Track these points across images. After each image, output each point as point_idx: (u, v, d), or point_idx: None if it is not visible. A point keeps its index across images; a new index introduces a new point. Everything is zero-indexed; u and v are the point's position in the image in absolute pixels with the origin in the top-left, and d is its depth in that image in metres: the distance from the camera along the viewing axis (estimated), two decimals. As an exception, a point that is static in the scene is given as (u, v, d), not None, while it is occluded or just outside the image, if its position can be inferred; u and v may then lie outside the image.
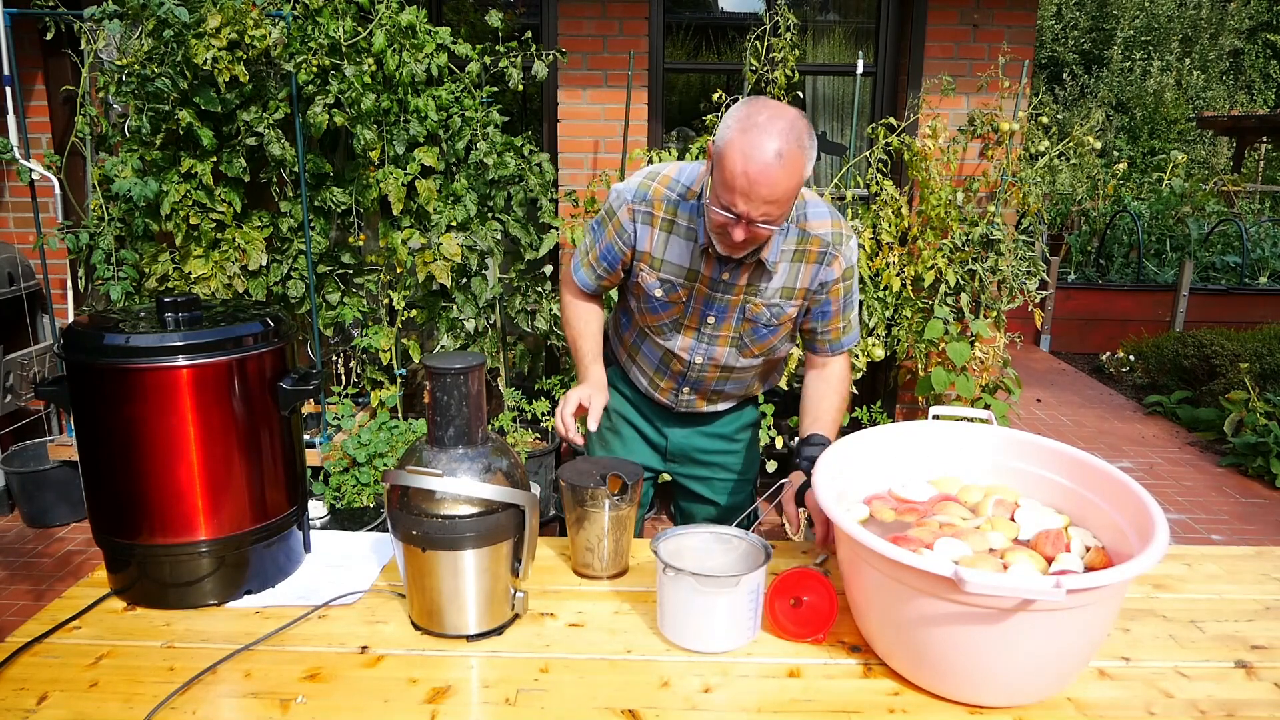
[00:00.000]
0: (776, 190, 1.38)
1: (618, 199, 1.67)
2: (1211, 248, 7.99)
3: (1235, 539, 3.71)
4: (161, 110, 3.03)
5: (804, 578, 1.28)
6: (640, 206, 1.64)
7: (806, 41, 4.29)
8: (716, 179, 1.43)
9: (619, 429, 1.93)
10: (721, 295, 1.66)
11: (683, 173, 1.64)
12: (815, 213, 1.64)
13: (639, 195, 1.65)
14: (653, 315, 1.73)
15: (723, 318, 1.69)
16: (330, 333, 3.66)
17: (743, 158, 1.37)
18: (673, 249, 1.64)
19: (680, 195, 1.62)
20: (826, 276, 1.66)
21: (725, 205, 1.42)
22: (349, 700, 1.13)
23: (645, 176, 1.66)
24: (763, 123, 1.37)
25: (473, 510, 1.21)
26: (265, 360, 1.34)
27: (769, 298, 1.66)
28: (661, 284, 1.67)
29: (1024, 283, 3.74)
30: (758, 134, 1.36)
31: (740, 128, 1.38)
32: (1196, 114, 13.66)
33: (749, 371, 1.80)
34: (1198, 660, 1.25)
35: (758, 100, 1.43)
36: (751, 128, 1.37)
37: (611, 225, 1.68)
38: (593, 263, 1.74)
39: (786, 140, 1.37)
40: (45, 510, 3.53)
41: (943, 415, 1.52)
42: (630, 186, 1.66)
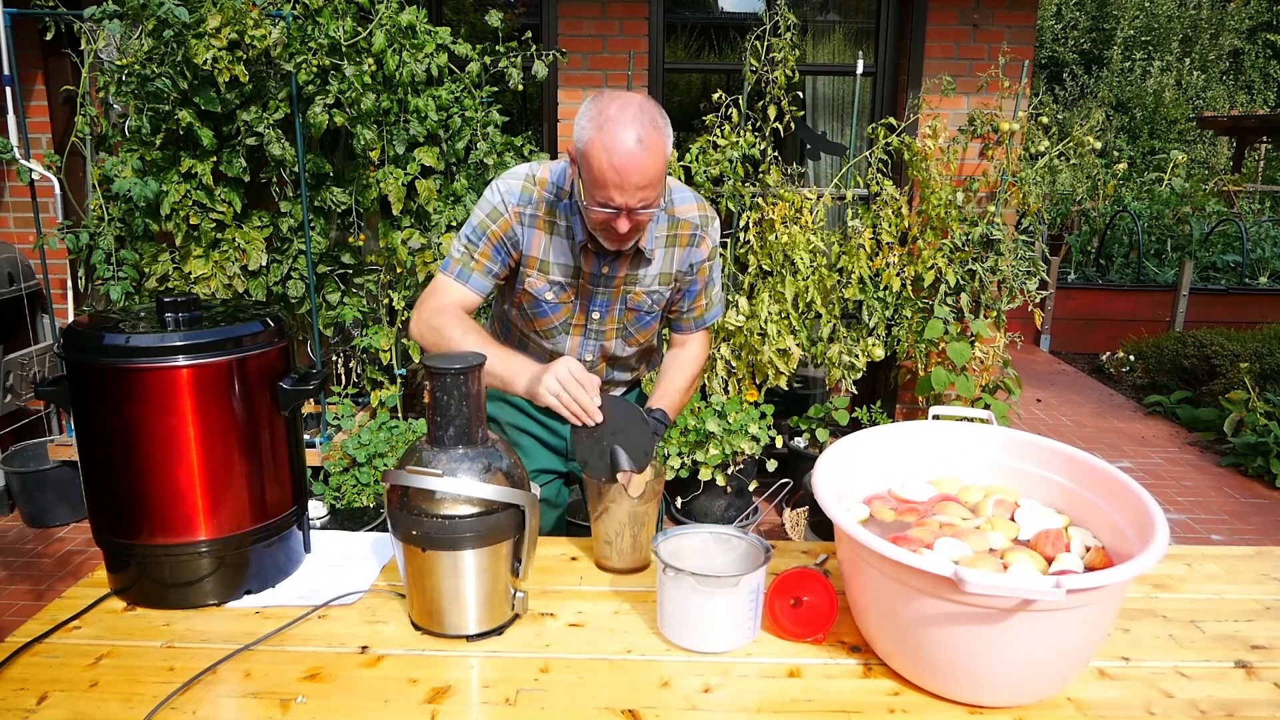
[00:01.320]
0: (646, 175, 1.41)
1: (503, 201, 1.61)
2: (1211, 248, 7.99)
3: (1235, 539, 3.71)
4: (161, 110, 3.03)
5: (804, 578, 1.28)
6: (526, 210, 1.62)
7: (806, 41, 4.29)
8: (587, 180, 1.45)
9: (517, 440, 1.89)
10: (603, 290, 1.68)
11: (554, 173, 1.63)
12: (681, 198, 1.69)
13: (524, 199, 1.62)
14: (542, 319, 1.72)
15: (606, 311, 1.72)
16: (330, 333, 3.66)
17: (606, 153, 1.39)
18: (556, 250, 1.64)
19: (555, 196, 1.62)
20: (696, 258, 1.72)
21: (602, 202, 1.44)
22: (349, 700, 1.13)
23: (524, 180, 1.62)
24: (614, 114, 1.40)
25: (473, 510, 1.21)
26: (265, 360, 1.34)
27: (648, 285, 1.71)
28: (551, 286, 1.67)
29: (1024, 283, 3.74)
30: (613, 127, 1.39)
31: (595, 125, 1.41)
32: (1196, 114, 13.67)
33: (633, 358, 1.84)
34: (1198, 660, 1.25)
35: (603, 94, 1.45)
36: (606, 122, 1.40)
37: (498, 227, 1.62)
38: (485, 263, 1.64)
39: (641, 125, 1.40)
40: (45, 510, 3.53)
41: (943, 415, 1.53)
42: (512, 190, 1.61)
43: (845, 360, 3.70)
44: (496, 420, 1.88)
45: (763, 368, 3.58)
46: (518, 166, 1.67)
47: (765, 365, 3.57)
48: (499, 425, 1.88)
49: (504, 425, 1.89)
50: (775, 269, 3.61)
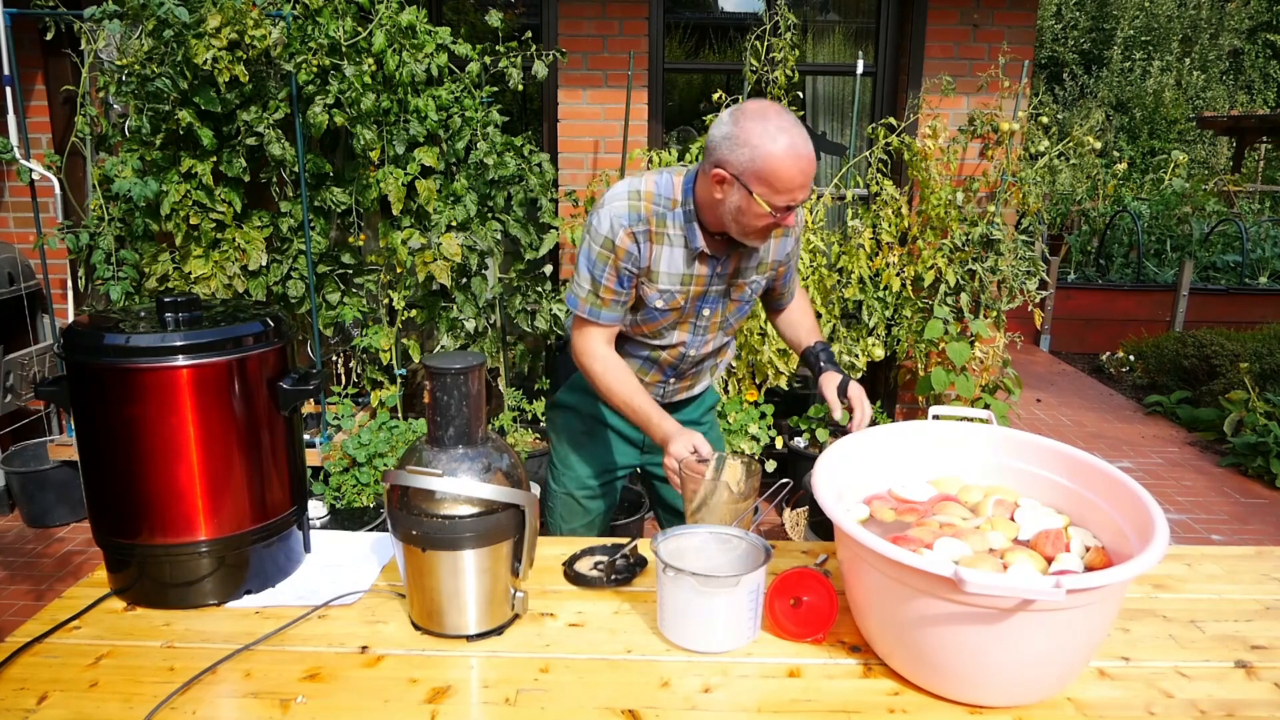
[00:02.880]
0: (813, 173, 1.54)
1: (611, 228, 1.65)
2: (1211, 248, 7.99)
3: (1235, 539, 3.71)
4: (161, 110, 3.03)
5: (804, 578, 1.27)
6: (638, 228, 1.66)
7: (806, 41, 4.29)
8: (768, 191, 1.51)
9: (594, 431, 1.95)
10: (715, 288, 1.76)
11: (659, 185, 1.68)
12: None
13: (633, 218, 1.66)
14: (651, 323, 1.78)
15: (715, 307, 1.79)
16: (330, 333, 3.66)
17: (794, 159, 1.49)
18: (668, 260, 1.69)
19: (665, 207, 1.67)
20: (789, 245, 1.84)
21: (787, 204, 1.53)
22: (349, 700, 1.13)
23: (628, 199, 1.67)
24: (781, 124, 1.50)
25: (473, 510, 1.21)
26: (265, 360, 1.34)
27: (750, 277, 1.79)
28: (661, 294, 1.72)
29: (1024, 283, 3.74)
30: (788, 134, 1.49)
31: (770, 135, 1.49)
32: (1196, 114, 13.66)
33: (725, 346, 1.94)
34: (1198, 660, 1.25)
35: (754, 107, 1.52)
36: (779, 131, 1.49)
37: (615, 255, 1.67)
38: (612, 298, 1.70)
39: (797, 123, 1.52)
40: (45, 510, 3.53)
41: (943, 415, 1.53)
42: (620, 213, 1.66)
43: (845, 360, 3.70)
44: (577, 410, 1.95)
45: (763, 368, 3.58)
46: (615, 187, 1.71)
47: (765, 365, 3.57)
48: (578, 414, 1.95)
49: (584, 415, 1.95)
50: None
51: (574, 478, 1.98)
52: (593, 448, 1.97)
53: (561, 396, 1.98)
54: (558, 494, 2.01)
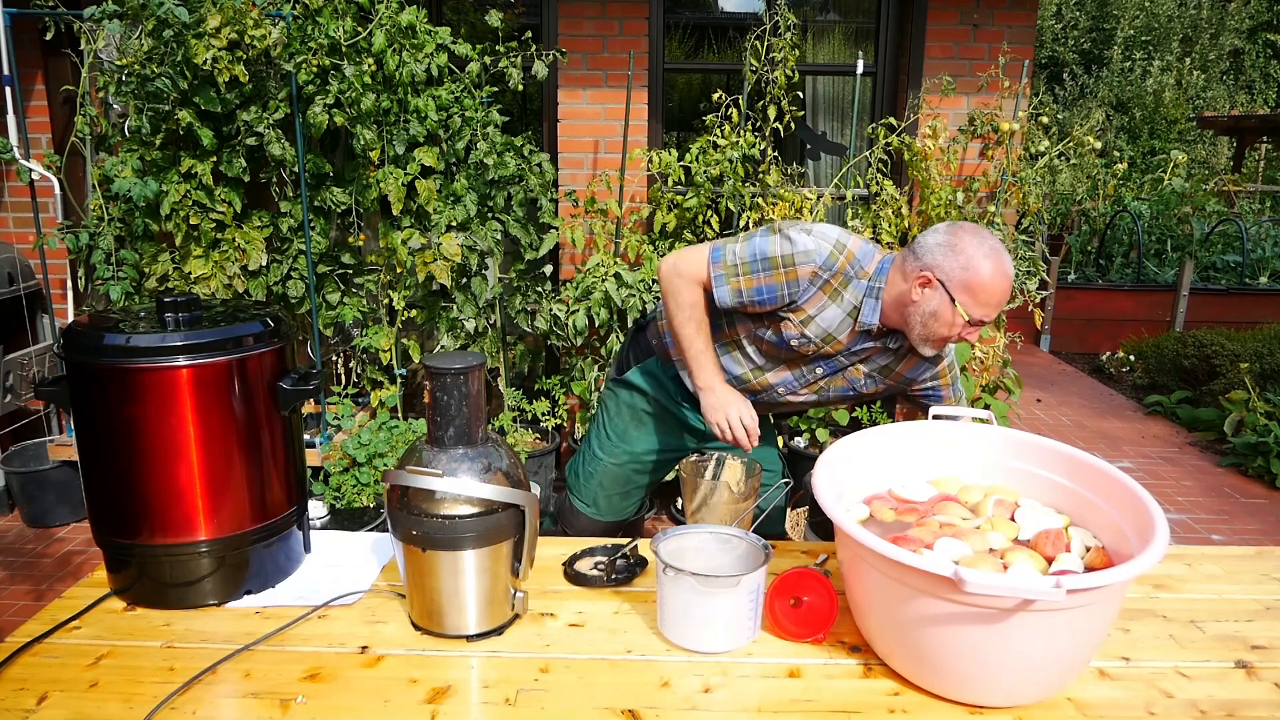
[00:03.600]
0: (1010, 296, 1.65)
1: (804, 257, 1.68)
2: (1212, 248, 7.98)
3: (1235, 539, 3.71)
4: (161, 110, 3.03)
5: (804, 578, 1.27)
6: (824, 274, 1.70)
7: (806, 41, 4.29)
8: (971, 303, 1.60)
9: (659, 414, 2.03)
10: (842, 357, 1.81)
11: (863, 252, 1.73)
12: None
13: (827, 265, 1.70)
14: (773, 349, 1.82)
15: (829, 372, 1.84)
16: (330, 333, 3.66)
17: (1003, 278, 1.59)
18: (827, 315, 1.74)
19: (855, 274, 1.72)
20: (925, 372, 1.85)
21: (980, 319, 1.62)
22: (349, 700, 1.13)
23: (834, 247, 1.70)
24: (994, 245, 1.60)
25: (473, 510, 1.21)
26: (265, 360, 1.34)
27: (872, 370, 1.84)
28: (801, 338, 1.76)
29: (1024, 283, 3.74)
30: (1001, 256, 1.60)
31: (984, 254, 1.59)
32: (1196, 114, 13.66)
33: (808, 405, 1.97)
34: (1198, 660, 1.25)
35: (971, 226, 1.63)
36: (994, 253, 1.59)
37: (785, 274, 1.70)
38: (743, 289, 1.73)
39: (1007, 251, 1.63)
40: (45, 510, 3.53)
41: (943, 415, 1.53)
42: (821, 251, 1.69)
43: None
44: (645, 393, 2.01)
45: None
46: (826, 229, 1.74)
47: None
48: (646, 397, 2.01)
49: (651, 398, 2.02)
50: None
51: (628, 451, 2.05)
52: (654, 426, 2.04)
53: (633, 376, 2.03)
54: (605, 464, 2.06)
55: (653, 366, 2.01)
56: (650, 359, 2.02)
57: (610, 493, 2.08)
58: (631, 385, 2.04)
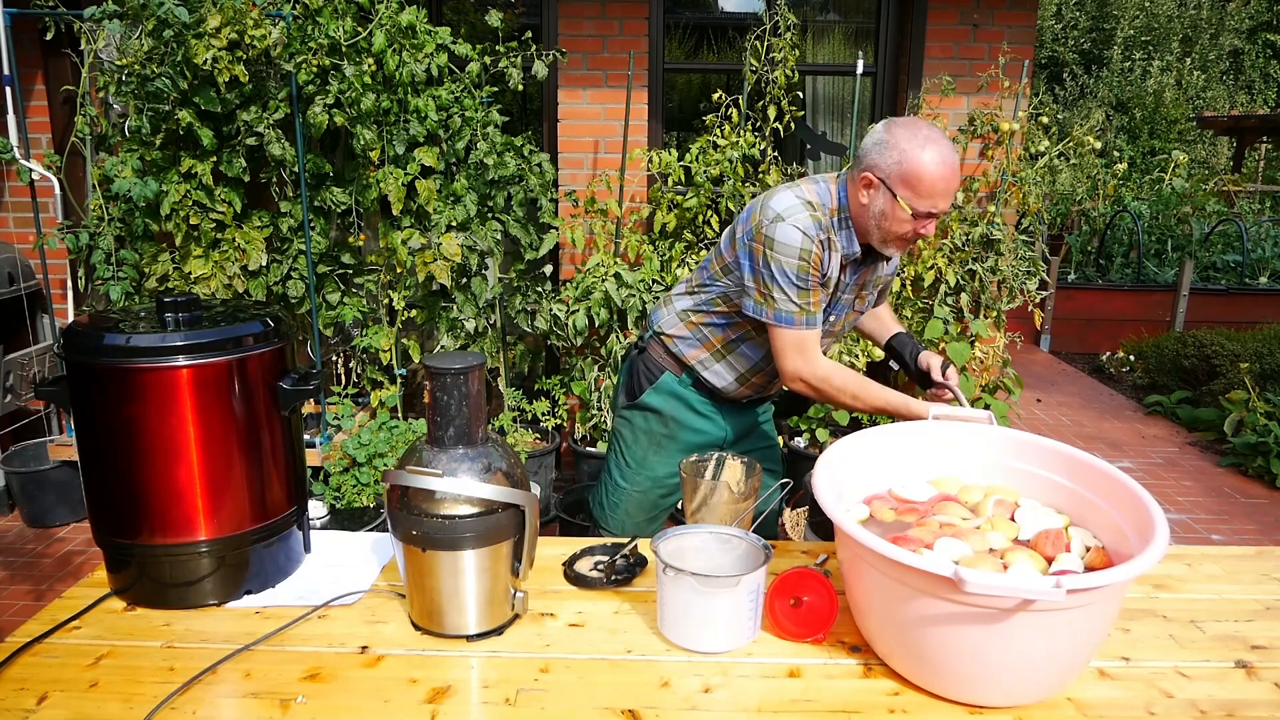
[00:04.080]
0: (956, 187, 1.65)
1: (805, 239, 1.71)
2: (1212, 248, 7.98)
3: (1235, 539, 3.71)
4: (161, 110, 3.03)
5: (804, 578, 1.27)
6: (822, 236, 1.74)
7: (806, 41, 4.29)
8: (911, 195, 1.62)
9: (675, 435, 2.02)
10: (845, 295, 1.85)
11: (820, 195, 1.76)
12: None
13: (819, 227, 1.73)
14: None
15: (841, 314, 1.89)
16: (330, 333, 3.66)
17: (939, 165, 1.59)
18: (830, 267, 1.78)
19: (828, 216, 1.76)
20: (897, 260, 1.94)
21: (927, 210, 1.63)
22: (349, 700, 1.13)
23: (806, 210, 1.73)
24: (932, 135, 1.61)
25: (473, 510, 1.21)
26: (265, 360, 1.34)
27: (872, 290, 1.91)
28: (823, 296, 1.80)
29: (1024, 283, 3.74)
30: (936, 144, 1.60)
31: (918, 144, 1.60)
32: (1196, 114, 13.66)
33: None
34: (1198, 660, 1.25)
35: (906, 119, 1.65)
36: (928, 141, 1.60)
37: (812, 265, 1.73)
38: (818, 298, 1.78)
39: (947, 139, 1.63)
40: (45, 510, 3.53)
41: (943, 415, 1.52)
42: (809, 224, 1.71)
43: (845, 360, 3.70)
44: (661, 412, 2.00)
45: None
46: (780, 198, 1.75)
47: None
48: (661, 417, 2.00)
49: (668, 419, 2.01)
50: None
51: (651, 476, 2.04)
52: (672, 447, 2.02)
53: (647, 399, 2.01)
54: (628, 492, 2.06)
55: (669, 384, 1.98)
56: (663, 376, 1.99)
57: (637, 519, 2.08)
58: (647, 408, 2.01)
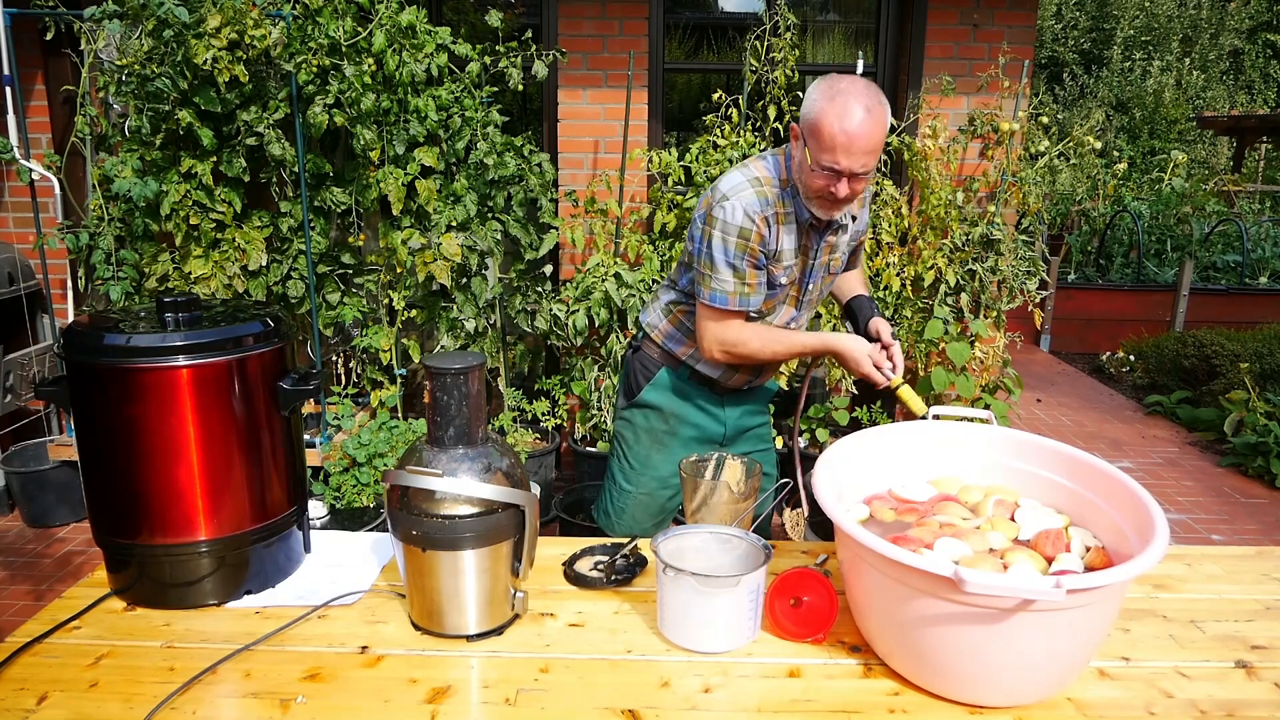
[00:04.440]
0: (871, 141, 1.58)
1: (747, 217, 1.72)
2: (1212, 248, 7.98)
3: (1235, 539, 3.71)
4: (161, 110, 3.03)
5: (804, 578, 1.27)
6: (768, 212, 1.73)
7: (806, 41, 4.29)
8: (814, 147, 1.61)
9: (676, 431, 2.00)
10: (817, 261, 1.85)
11: (771, 168, 1.77)
12: None
13: (763, 203, 1.73)
14: (769, 300, 1.84)
15: (817, 280, 1.88)
16: (330, 333, 3.66)
17: (838, 119, 1.56)
18: (788, 238, 1.78)
19: (779, 187, 1.75)
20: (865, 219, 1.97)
21: (829, 165, 1.60)
22: (349, 700, 1.13)
23: (752, 186, 1.73)
24: (845, 88, 1.57)
25: (473, 510, 1.21)
26: (265, 360, 1.34)
27: (842, 250, 1.89)
28: (785, 270, 1.80)
29: (1024, 283, 3.74)
30: (845, 98, 1.56)
31: (827, 97, 1.58)
32: (1196, 114, 13.66)
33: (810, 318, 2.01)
34: (1198, 660, 1.25)
35: (834, 75, 1.62)
36: (837, 94, 1.57)
37: (752, 244, 1.73)
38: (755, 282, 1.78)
39: (869, 98, 1.58)
40: (45, 510, 3.53)
41: (943, 415, 1.52)
42: (751, 201, 1.72)
43: (845, 360, 3.70)
44: (661, 409, 1.99)
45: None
46: (729, 179, 1.76)
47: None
48: (661, 413, 2.00)
49: (668, 414, 2.00)
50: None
51: (656, 476, 2.02)
52: (675, 445, 2.01)
53: (645, 396, 2.00)
54: (634, 494, 2.04)
55: (665, 379, 1.98)
56: (659, 372, 1.99)
57: (645, 523, 2.05)
58: (647, 405, 2.00)
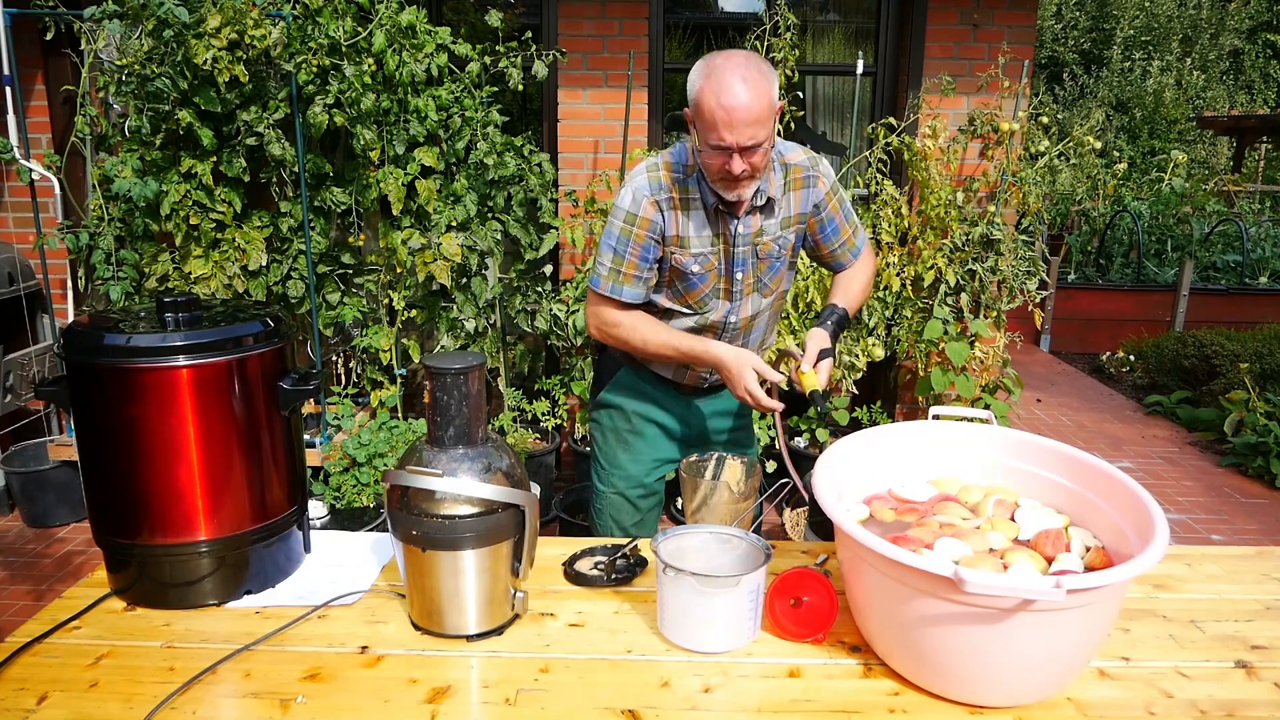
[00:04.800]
0: (752, 112, 1.54)
1: (634, 200, 1.71)
2: (1211, 248, 7.99)
3: (1235, 539, 3.71)
4: (161, 110, 3.03)
5: (804, 578, 1.27)
6: (660, 196, 1.72)
7: (806, 41, 4.29)
8: (701, 128, 1.59)
9: (640, 430, 1.97)
10: (741, 249, 1.77)
11: (675, 154, 1.75)
12: (787, 148, 1.81)
13: (655, 186, 1.72)
14: (692, 292, 1.80)
15: (746, 268, 1.80)
16: (330, 333, 3.66)
17: (714, 94, 1.54)
18: (694, 224, 1.74)
19: (683, 173, 1.72)
20: (817, 197, 1.82)
21: (715, 143, 1.57)
22: (349, 700, 1.13)
23: (648, 171, 1.73)
24: (720, 63, 1.55)
25: (473, 510, 1.21)
26: (265, 360, 1.34)
27: (774, 233, 1.80)
28: (695, 258, 1.76)
29: (1024, 283, 3.74)
30: (719, 73, 1.54)
31: (704, 74, 1.56)
32: (1196, 114, 13.66)
33: (766, 314, 1.91)
34: (1198, 660, 1.25)
35: (713, 53, 1.60)
36: (713, 70, 1.55)
37: (638, 227, 1.72)
38: (634, 272, 1.74)
39: (745, 69, 1.54)
40: (45, 510, 3.53)
41: (943, 415, 1.52)
42: (642, 184, 1.72)
43: (845, 360, 3.70)
44: (622, 408, 1.96)
45: (763, 368, 3.58)
46: (635, 168, 1.76)
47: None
48: (623, 412, 1.97)
49: (630, 414, 1.97)
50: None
51: (625, 476, 1.99)
52: (640, 445, 1.98)
53: (606, 395, 1.99)
54: (607, 495, 2.02)
55: (626, 378, 1.95)
56: (620, 371, 1.95)
57: (624, 524, 2.02)
58: (609, 405, 1.98)
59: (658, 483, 2.03)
